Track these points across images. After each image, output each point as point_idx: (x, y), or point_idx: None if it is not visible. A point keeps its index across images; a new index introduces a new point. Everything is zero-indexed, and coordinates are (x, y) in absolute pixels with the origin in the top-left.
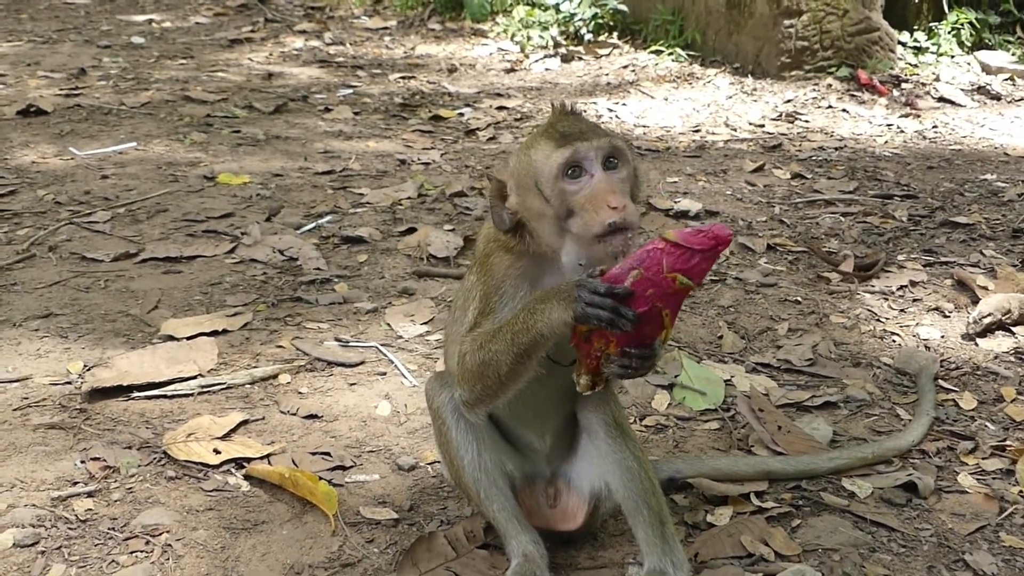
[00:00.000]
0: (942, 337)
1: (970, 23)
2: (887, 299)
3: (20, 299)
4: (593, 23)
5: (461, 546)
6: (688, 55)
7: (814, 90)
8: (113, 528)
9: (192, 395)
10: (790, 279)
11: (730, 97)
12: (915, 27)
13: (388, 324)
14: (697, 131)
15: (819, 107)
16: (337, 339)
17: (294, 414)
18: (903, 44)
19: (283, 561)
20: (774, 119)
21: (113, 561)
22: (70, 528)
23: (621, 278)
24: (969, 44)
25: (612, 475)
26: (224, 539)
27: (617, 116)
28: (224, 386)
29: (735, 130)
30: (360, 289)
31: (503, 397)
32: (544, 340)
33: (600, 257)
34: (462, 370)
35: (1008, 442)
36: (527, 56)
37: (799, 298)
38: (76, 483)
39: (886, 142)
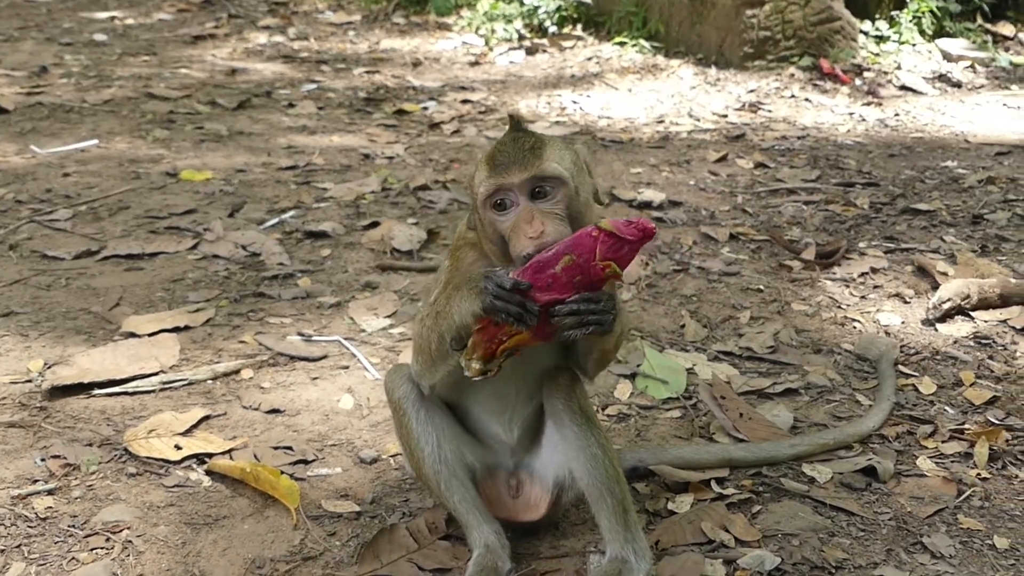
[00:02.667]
0: (902, 323)
1: (931, 11)
2: (848, 286)
3: None
4: (557, 15)
5: (423, 538)
6: (652, 46)
7: (777, 80)
8: (73, 525)
9: (153, 391)
10: (752, 268)
11: (694, 88)
12: (876, 16)
13: (351, 318)
14: (661, 122)
15: (782, 97)
16: (300, 333)
17: (256, 409)
18: (865, 33)
19: (244, 555)
20: (737, 109)
21: (73, 559)
22: (30, 526)
23: (552, 262)
24: (930, 32)
25: (576, 463)
26: (185, 535)
27: (581, 108)
28: (186, 382)
29: (698, 120)
30: (323, 283)
31: (438, 373)
32: (457, 325)
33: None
34: (413, 343)
35: (967, 425)
36: (491, 49)
37: (761, 286)
38: (36, 481)
39: (848, 131)
